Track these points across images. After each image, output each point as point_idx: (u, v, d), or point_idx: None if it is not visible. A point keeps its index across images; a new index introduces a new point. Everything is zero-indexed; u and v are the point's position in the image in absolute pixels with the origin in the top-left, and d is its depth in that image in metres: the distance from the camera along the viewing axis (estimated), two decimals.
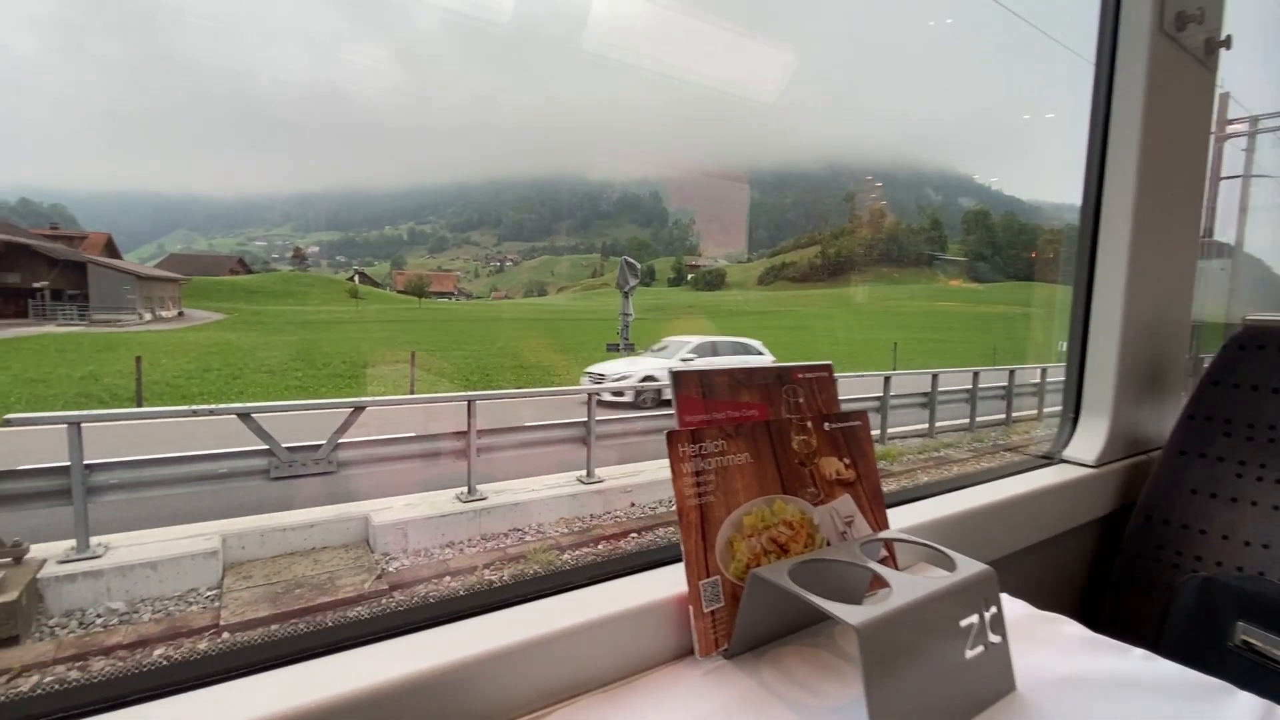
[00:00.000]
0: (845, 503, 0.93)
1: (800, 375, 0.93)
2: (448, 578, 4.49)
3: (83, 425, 3.98)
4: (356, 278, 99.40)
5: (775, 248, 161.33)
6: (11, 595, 3.49)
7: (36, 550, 4.01)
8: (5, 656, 3.29)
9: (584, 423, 5.99)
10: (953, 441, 8.91)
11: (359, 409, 4.91)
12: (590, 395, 5.98)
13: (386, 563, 4.62)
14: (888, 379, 8.84)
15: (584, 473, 6.10)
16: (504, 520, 5.33)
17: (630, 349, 14.96)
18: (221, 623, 3.70)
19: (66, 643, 3.59)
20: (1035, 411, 10.81)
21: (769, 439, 0.87)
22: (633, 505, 6.01)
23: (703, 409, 0.84)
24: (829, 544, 0.90)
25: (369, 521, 4.88)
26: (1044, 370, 10.76)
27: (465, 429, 5.29)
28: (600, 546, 5.11)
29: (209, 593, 4.05)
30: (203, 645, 3.93)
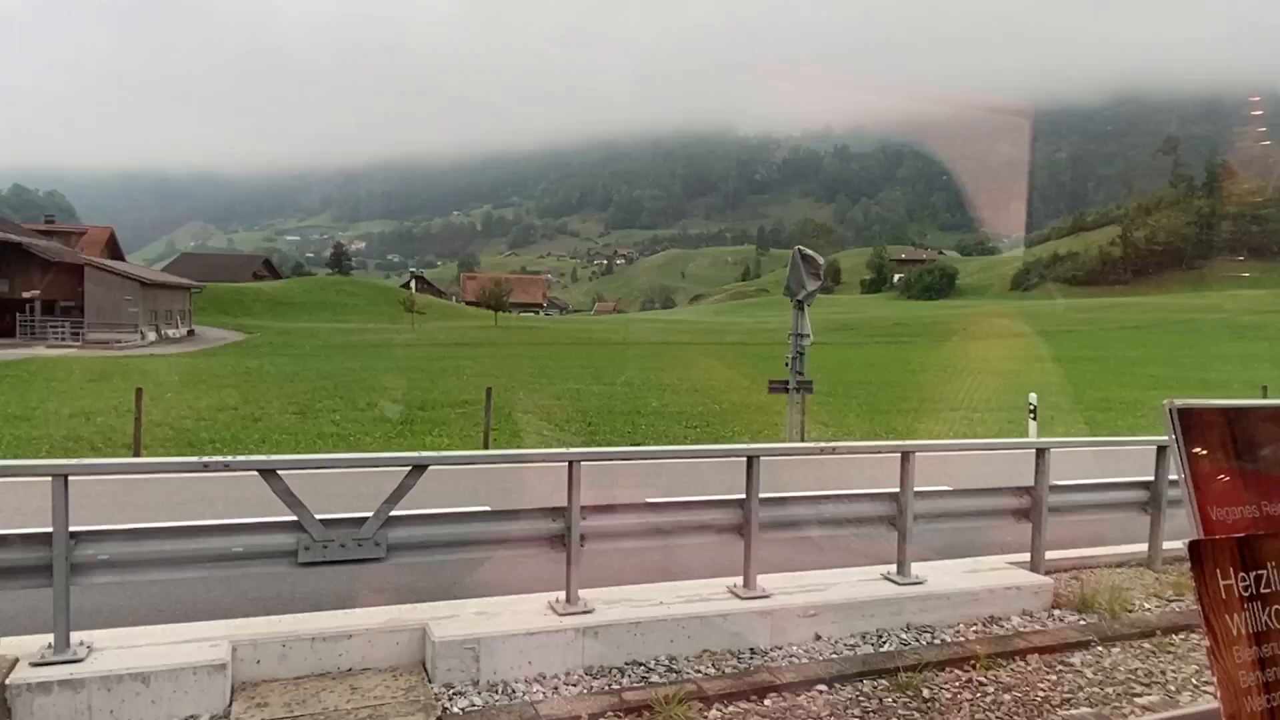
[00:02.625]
0: None
1: None
2: None
3: (70, 478, 4.49)
4: (414, 284, 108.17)
5: (1040, 230, 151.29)
6: None
7: (4, 646, 4.55)
8: None
9: (740, 501, 5.84)
10: None
11: (419, 468, 5.13)
12: (752, 458, 5.81)
13: (450, 699, 4.71)
14: None
15: (739, 581, 5.91)
16: (619, 647, 5.26)
17: (806, 388, 14.61)
18: None
19: None
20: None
21: None
22: (818, 639, 5.72)
23: (1240, 493, 0.72)
24: None
25: (427, 635, 5.04)
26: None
27: (565, 504, 5.34)
28: (767, 702, 4.86)
29: None
30: None
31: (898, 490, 6.35)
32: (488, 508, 5.79)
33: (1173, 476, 7.54)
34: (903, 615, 6.06)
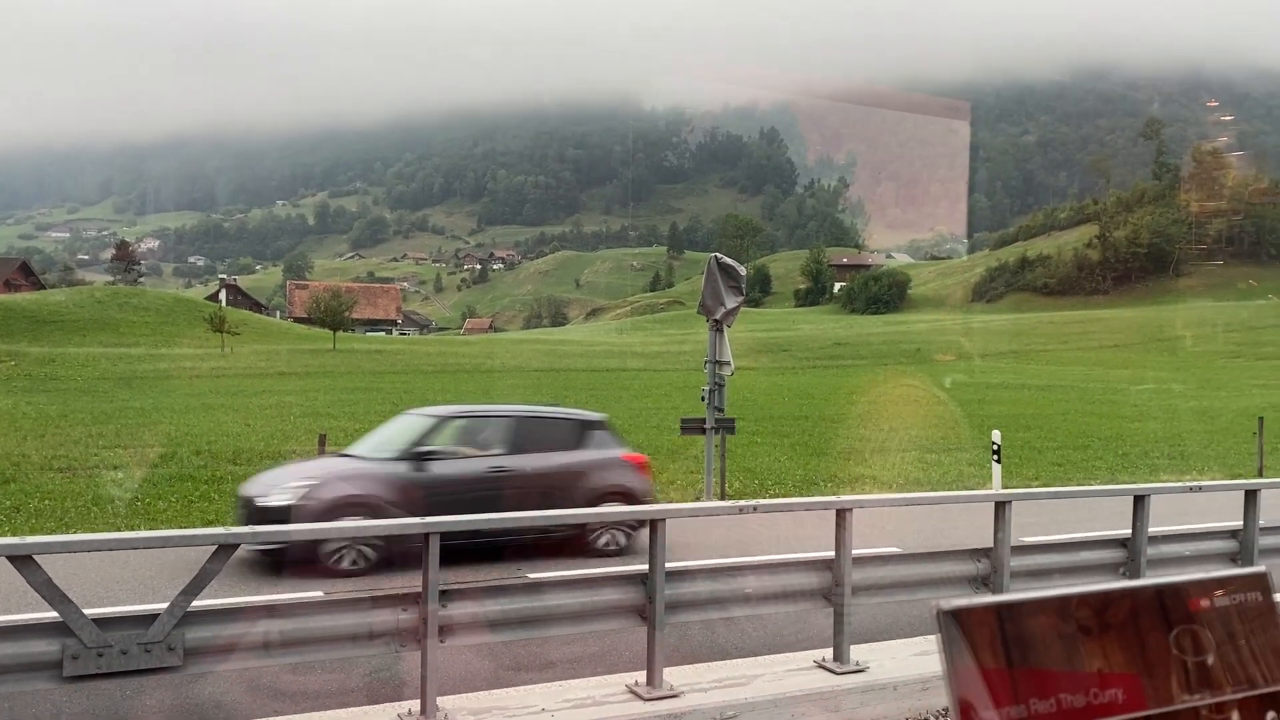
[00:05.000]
0: None
1: (1205, 602, 0.87)
2: None
3: None
4: (224, 295, 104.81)
5: (1007, 229, 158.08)
6: None
7: None
8: None
9: (641, 576, 5.94)
10: None
11: (226, 548, 5.04)
12: (656, 521, 5.93)
13: None
14: None
15: (641, 678, 5.99)
16: None
17: (727, 427, 14.93)
18: None
19: None
20: None
21: None
22: None
23: (1009, 693, 0.81)
24: None
25: None
26: None
27: (420, 588, 5.34)
28: None
29: None
30: None
31: (833, 556, 6.59)
32: (320, 594, 5.73)
33: (1162, 550, 8.08)
34: (840, 711, 6.27)
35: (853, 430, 24.50)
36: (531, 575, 8.69)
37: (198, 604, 5.00)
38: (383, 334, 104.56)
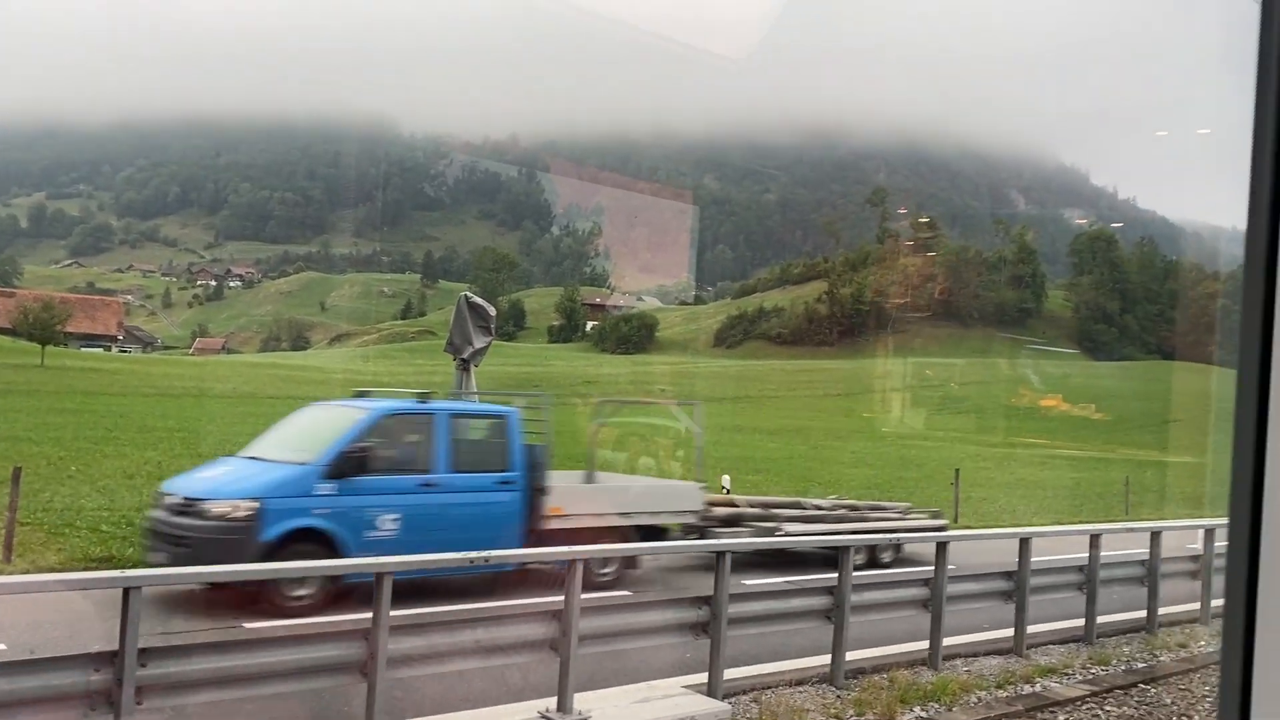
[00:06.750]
0: None
1: None
2: None
3: None
4: None
5: (748, 280, 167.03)
6: None
7: None
8: None
9: (364, 632, 5.78)
10: (1059, 664, 9.40)
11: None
12: (381, 575, 5.80)
13: None
14: (942, 547, 9.28)
15: None
16: None
17: None
18: None
19: None
20: (1198, 605, 11.67)
21: None
22: None
23: None
24: None
25: None
26: (1211, 533, 11.74)
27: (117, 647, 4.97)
28: None
29: None
30: None
31: (561, 606, 6.68)
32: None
33: (858, 581, 8.71)
34: None
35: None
36: (248, 625, 8.27)
37: None
38: (100, 350, 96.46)
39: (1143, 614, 11.02)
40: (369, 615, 5.78)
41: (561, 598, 6.64)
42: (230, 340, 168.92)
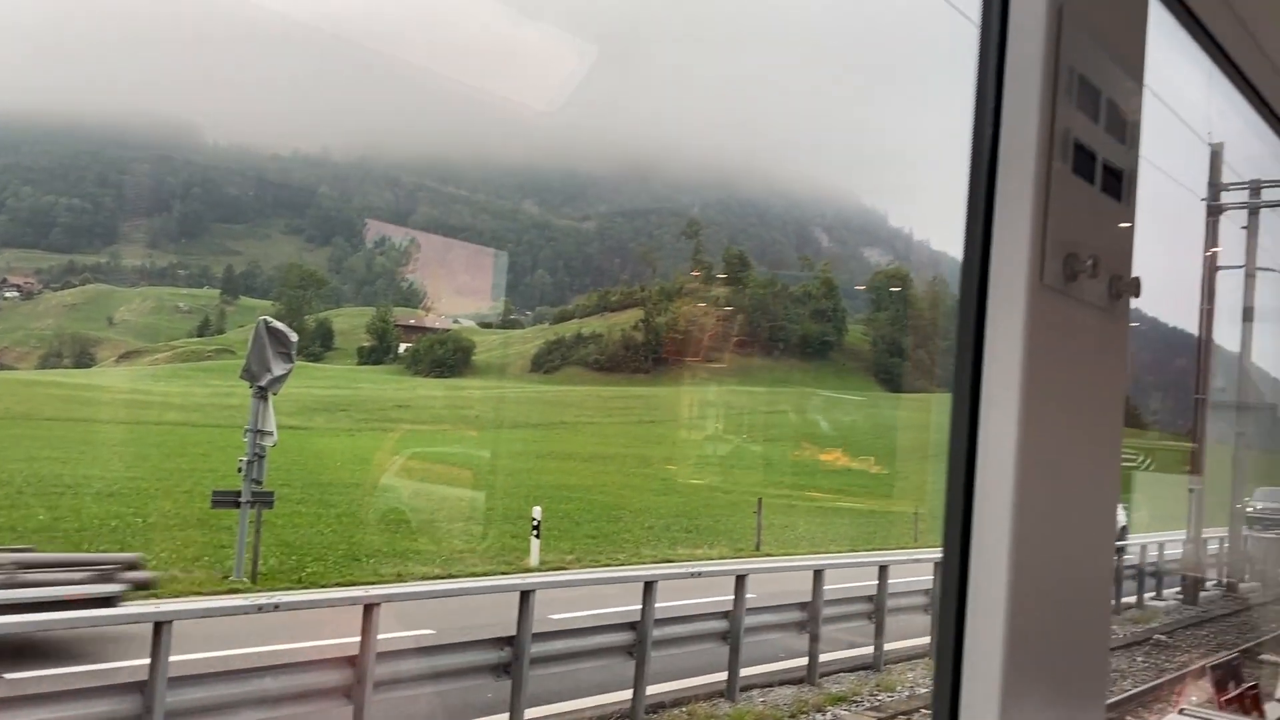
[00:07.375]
0: None
1: None
2: None
3: None
4: None
5: (566, 306, 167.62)
6: None
7: None
8: None
9: (141, 685, 5.41)
10: (849, 691, 9.81)
11: None
12: (161, 624, 5.44)
13: None
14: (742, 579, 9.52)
15: None
16: None
17: (264, 501, 14.16)
18: None
19: None
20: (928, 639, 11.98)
21: None
22: None
23: None
24: None
25: None
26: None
27: None
28: None
29: None
30: None
31: (357, 652, 6.45)
32: None
33: (666, 632, 8.82)
34: None
35: (404, 499, 24.35)
36: (10, 676, 7.60)
37: None
38: None
39: (926, 640, 11.64)
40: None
41: (357, 639, 6.43)
42: (4, 356, 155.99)
